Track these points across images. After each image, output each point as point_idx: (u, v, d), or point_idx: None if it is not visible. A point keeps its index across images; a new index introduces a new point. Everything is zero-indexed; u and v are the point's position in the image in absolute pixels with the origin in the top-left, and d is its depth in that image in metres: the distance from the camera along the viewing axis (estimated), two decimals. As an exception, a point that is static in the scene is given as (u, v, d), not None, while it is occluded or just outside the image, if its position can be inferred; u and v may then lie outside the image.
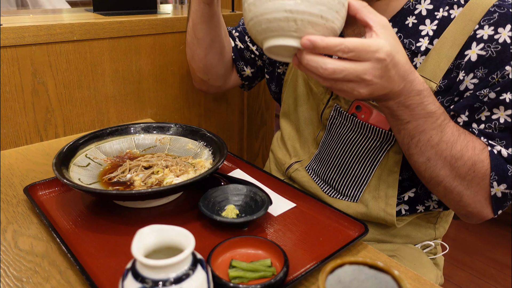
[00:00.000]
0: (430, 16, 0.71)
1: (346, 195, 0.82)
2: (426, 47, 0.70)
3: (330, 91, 0.82)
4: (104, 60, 1.06)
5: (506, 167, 0.67)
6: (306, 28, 0.52)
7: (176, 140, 0.87)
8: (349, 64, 0.53)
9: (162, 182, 0.73)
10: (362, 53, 0.52)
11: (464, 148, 0.66)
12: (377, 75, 0.54)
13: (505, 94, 0.65)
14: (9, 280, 0.56)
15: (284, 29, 0.52)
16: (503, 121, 0.67)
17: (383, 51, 0.53)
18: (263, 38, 0.56)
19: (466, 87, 0.68)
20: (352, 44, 0.52)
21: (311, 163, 0.89)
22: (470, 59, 0.67)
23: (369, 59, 0.53)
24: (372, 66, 0.53)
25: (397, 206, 0.82)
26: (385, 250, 0.84)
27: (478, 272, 1.82)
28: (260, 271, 0.55)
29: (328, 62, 0.52)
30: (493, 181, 0.67)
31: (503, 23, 0.65)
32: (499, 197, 0.68)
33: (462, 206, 0.71)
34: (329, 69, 0.52)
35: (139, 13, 1.20)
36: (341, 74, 0.53)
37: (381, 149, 0.77)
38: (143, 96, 1.17)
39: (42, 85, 0.99)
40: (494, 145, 0.67)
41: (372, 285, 0.45)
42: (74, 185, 0.64)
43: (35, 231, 0.66)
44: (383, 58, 0.53)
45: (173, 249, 0.47)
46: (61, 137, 1.05)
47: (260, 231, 0.67)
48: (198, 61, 0.97)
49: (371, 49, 0.52)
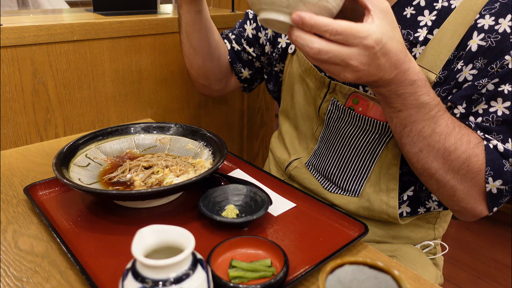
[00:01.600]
0: (429, 7, 0.70)
1: (347, 189, 0.82)
2: (425, 37, 0.70)
3: (327, 85, 0.82)
4: (104, 60, 1.06)
5: (502, 162, 0.65)
6: (297, 5, 0.52)
7: (176, 140, 0.87)
8: (335, 46, 0.52)
9: (162, 182, 0.73)
10: (349, 38, 0.52)
11: (458, 141, 0.65)
12: (364, 62, 0.54)
13: (504, 86, 0.64)
14: (9, 280, 0.56)
15: (275, 4, 0.53)
16: (500, 114, 0.65)
17: (372, 38, 0.52)
18: (258, 9, 0.57)
19: (465, 78, 0.67)
20: (340, 27, 0.51)
21: (310, 159, 0.89)
22: (471, 49, 0.66)
23: (356, 44, 0.52)
24: (359, 52, 0.53)
25: (399, 209, 0.82)
26: (385, 250, 0.84)
27: (478, 272, 1.82)
28: (260, 271, 0.55)
29: (315, 41, 0.52)
30: (488, 176, 0.66)
31: (504, 13, 0.65)
32: (494, 193, 0.67)
33: (456, 201, 0.70)
34: (315, 49, 0.52)
35: (139, 13, 1.20)
36: (326, 55, 0.52)
37: (380, 142, 0.77)
38: (143, 96, 1.17)
39: (42, 85, 0.99)
40: (490, 139, 0.66)
41: (372, 285, 0.45)
42: (74, 185, 0.64)
43: (35, 231, 0.66)
44: (371, 46, 0.52)
45: (173, 249, 0.47)
46: (61, 137, 1.05)
47: (260, 231, 0.67)
48: (197, 69, 0.97)
49: (359, 35, 0.52)
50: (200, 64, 0.96)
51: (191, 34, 0.90)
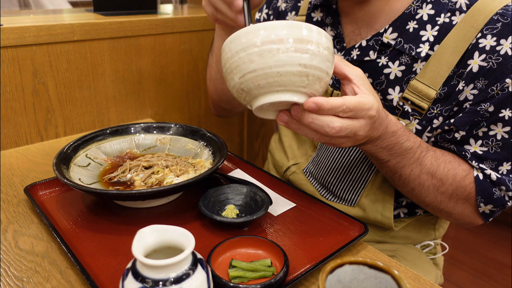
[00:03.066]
0: (431, 22, 0.70)
1: (344, 199, 0.83)
2: (426, 53, 0.70)
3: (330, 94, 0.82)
4: (104, 60, 1.06)
5: (492, 191, 0.70)
6: (315, 84, 0.51)
7: (176, 140, 0.87)
8: (350, 122, 0.55)
9: (162, 182, 0.73)
10: (359, 112, 0.54)
11: (444, 177, 0.69)
12: (368, 129, 0.57)
13: (504, 111, 0.66)
14: (9, 279, 0.56)
15: (295, 84, 0.49)
16: (500, 138, 0.68)
17: (374, 108, 0.56)
18: (261, 93, 0.51)
19: (466, 98, 0.68)
20: (352, 104, 0.53)
21: (308, 165, 0.89)
22: (472, 70, 0.66)
23: (363, 116, 0.55)
24: (366, 123, 0.56)
25: (396, 210, 0.82)
26: (385, 250, 0.84)
27: (477, 271, 1.82)
28: (260, 271, 0.55)
29: (335, 121, 0.53)
30: (480, 203, 0.71)
31: (506, 34, 0.64)
32: (487, 213, 0.73)
33: (453, 219, 0.77)
34: (336, 128, 0.53)
35: (139, 13, 1.20)
36: (345, 131, 0.54)
37: None
38: (143, 96, 1.17)
39: (43, 85, 0.99)
40: (484, 168, 0.69)
41: (372, 285, 0.45)
42: (74, 185, 0.64)
43: (36, 231, 0.66)
44: (374, 115, 0.56)
45: (173, 249, 0.47)
46: (61, 137, 1.05)
47: (260, 231, 0.67)
48: (221, 94, 0.95)
49: (365, 107, 0.55)
50: (225, 89, 0.94)
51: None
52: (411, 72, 0.72)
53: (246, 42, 0.49)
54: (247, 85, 0.51)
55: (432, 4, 0.70)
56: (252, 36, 0.48)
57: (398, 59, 0.73)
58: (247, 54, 0.49)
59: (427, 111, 0.71)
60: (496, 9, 0.66)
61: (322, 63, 0.50)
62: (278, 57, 0.48)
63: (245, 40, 0.49)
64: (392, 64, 0.73)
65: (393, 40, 0.72)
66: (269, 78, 0.49)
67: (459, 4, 0.69)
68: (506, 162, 0.69)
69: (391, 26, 0.72)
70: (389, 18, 0.73)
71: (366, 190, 0.80)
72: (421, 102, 0.70)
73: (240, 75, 0.50)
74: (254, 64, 0.49)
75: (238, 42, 0.49)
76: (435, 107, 0.70)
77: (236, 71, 0.50)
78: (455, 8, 0.69)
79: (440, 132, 0.72)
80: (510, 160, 0.69)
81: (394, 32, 0.72)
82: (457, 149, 0.71)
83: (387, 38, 0.73)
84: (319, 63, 0.49)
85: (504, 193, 0.70)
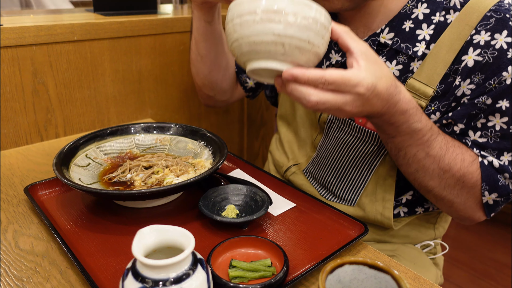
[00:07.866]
0: (427, 21, 0.71)
1: (343, 199, 0.83)
2: (423, 51, 0.70)
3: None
4: (104, 60, 1.07)
5: (497, 177, 0.68)
6: (293, 53, 0.52)
7: (176, 140, 0.87)
8: (330, 96, 0.53)
9: (162, 182, 0.73)
10: (341, 86, 0.53)
11: (452, 162, 0.67)
12: (358, 105, 0.55)
13: (502, 102, 0.66)
14: (9, 279, 0.56)
15: (271, 53, 0.52)
16: (498, 128, 0.68)
17: (363, 85, 0.54)
18: (247, 60, 0.55)
19: (463, 93, 0.68)
20: (332, 77, 0.52)
21: (308, 166, 0.89)
22: (467, 65, 0.67)
23: (349, 91, 0.54)
24: (352, 99, 0.54)
25: (396, 209, 0.82)
26: (384, 250, 0.84)
27: (477, 272, 1.82)
28: (260, 271, 0.55)
29: (312, 93, 0.53)
30: (484, 191, 0.69)
31: (500, 29, 0.65)
32: (491, 204, 0.71)
33: (454, 211, 0.74)
34: (312, 101, 0.53)
35: (139, 13, 1.20)
36: (323, 106, 0.53)
37: (378, 153, 0.78)
38: (143, 96, 1.17)
39: (43, 85, 0.99)
40: (486, 155, 0.69)
41: (372, 285, 0.46)
42: (74, 185, 0.64)
43: (36, 231, 0.66)
44: (363, 93, 0.54)
45: (173, 249, 0.47)
46: (61, 137, 1.06)
47: (260, 231, 0.67)
48: (203, 77, 0.97)
49: (350, 83, 0.53)
50: (206, 72, 0.96)
51: (200, 42, 0.90)
52: (408, 71, 0.72)
53: (233, 13, 0.54)
54: (235, 52, 0.56)
55: (427, 3, 0.71)
56: (238, 7, 0.53)
57: (395, 59, 0.73)
58: (233, 25, 0.54)
59: (424, 109, 0.71)
60: (489, 6, 0.67)
61: (300, 33, 0.51)
62: (254, 27, 0.52)
63: (233, 11, 0.54)
64: (390, 64, 0.73)
65: (390, 40, 0.73)
66: (248, 46, 0.53)
67: (453, 3, 0.70)
68: (507, 153, 0.69)
69: (388, 26, 0.73)
70: (385, 18, 0.74)
71: (366, 190, 0.80)
72: (418, 101, 0.70)
73: (230, 42, 0.56)
74: (236, 34, 0.54)
75: (230, 12, 0.55)
76: (432, 104, 0.71)
77: (228, 38, 0.56)
78: (449, 6, 0.70)
79: (439, 127, 0.72)
80: (511, 151, 0.69)
81: (390, 32, 0.73)
82: (458, 140, 0.71)
83: (384, 38, 0.73)
84: (296, 33, 0.51)
85: (508, 182, 0.69)
